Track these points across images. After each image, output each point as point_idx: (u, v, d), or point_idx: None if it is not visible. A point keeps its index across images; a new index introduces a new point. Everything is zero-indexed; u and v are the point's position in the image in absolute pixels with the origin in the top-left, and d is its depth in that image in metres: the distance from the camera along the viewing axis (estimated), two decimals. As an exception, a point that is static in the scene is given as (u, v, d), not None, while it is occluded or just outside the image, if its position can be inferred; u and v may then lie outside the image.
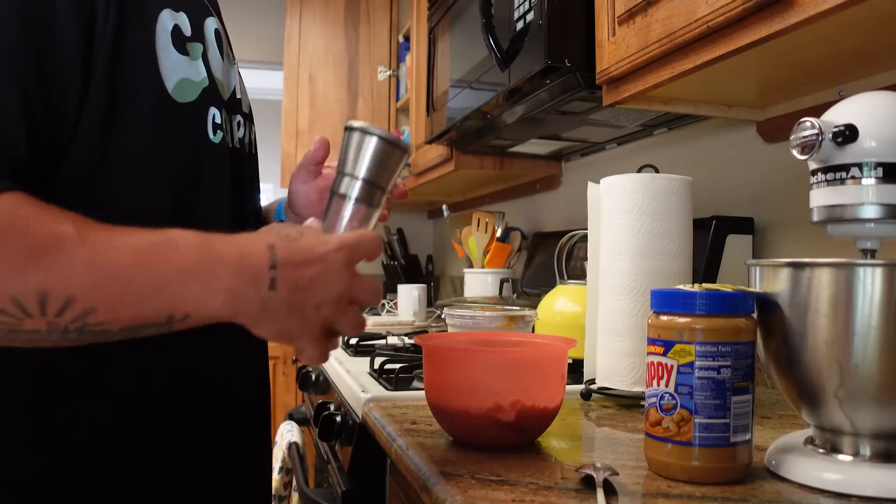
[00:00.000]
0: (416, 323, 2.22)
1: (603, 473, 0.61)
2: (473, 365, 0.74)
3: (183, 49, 0.72)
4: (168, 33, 0.70)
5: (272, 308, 0.60)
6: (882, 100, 0.62)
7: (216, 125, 0.76)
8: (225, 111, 0.79)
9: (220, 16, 0.85)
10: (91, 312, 0.55)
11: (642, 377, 0.94)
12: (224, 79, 0.79)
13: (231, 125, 0.82)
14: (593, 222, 1.05)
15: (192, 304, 0.57)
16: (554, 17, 1.13)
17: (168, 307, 0.57)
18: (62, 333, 0.55)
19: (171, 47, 0.70)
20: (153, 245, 0.57)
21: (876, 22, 0.75)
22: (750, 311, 0.65)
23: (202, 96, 0.74)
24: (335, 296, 0.62)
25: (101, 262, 0.54)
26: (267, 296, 0.59)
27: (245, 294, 0.59)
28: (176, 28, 0.72)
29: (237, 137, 0.83)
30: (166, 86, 0.69)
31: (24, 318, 0.53)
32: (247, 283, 0.58)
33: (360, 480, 1.00)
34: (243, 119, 0.85)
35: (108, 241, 0.55)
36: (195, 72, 0.73)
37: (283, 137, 2.89)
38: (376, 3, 2.97)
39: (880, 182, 0.60)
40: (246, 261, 0.59)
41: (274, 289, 0.59)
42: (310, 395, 1.63)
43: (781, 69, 0.94)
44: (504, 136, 1.69)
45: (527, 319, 1.21)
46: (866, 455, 0.61)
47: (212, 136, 0.75)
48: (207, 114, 0.75)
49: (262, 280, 0.59)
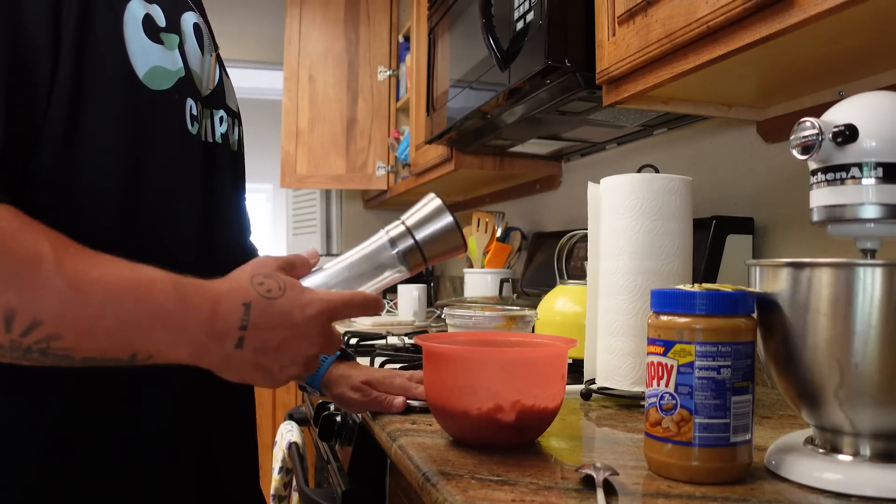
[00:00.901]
0: (416, 323, 2.22)
1: (603, 473, 0.61)
2: (473, 365, 0.74)
3: (156, 38, 0.72)
4: (138, 21, 0.70)
5: (236, 364, 0.61)
6: (882, 100, 0.62)
7: (193, 117, 0.76)
8: (201, 104, 0.78)
9: (203, 11, 0.85)
10: (56, 338, 0.54)
11: (642, 377, 0.94)
12: (202, 72, 0.79)
13: (211, 119, 0.81)
14: (593, 222, 1.05)
15: (156, 349, 0.58)
16: (554, 17, 1.13)
17: (133, 347, 0.57)
18: (24, 352, 0.54)
19: (141, 34, 0.70)
20: (129, 283, 0.56)
21: (876, 22, 0.75)
22: (750, 311, 0.65)
23: (178, 86, 0.73)
24: (303, 359, 0.63)
25: (73, 293, 0.54)
26: (232, 353, 0.60)
27: (210, 350, 0.59)
28: (148, 17, 0.71)
29: (218, 132, 0.82)
30: (136, 72, 0.69)
31: None
32: (214, 341, 0.59)
33: (360, 480, 1.00)
34: (227, 115, 0.85)
35: (85, 271, 0.55)
36: (171, 61, 0.73)
37: (284, 137, 2.89)
38: (376, 4, 2.97)
39: (880, 182, 0.60)
40: (218, 318, 0.59)
41: (241, 348, 0.60)
42: (310, 395, 1.63)
43: (781, 69, 0.94)
44: (504, 136, 1.69)
45: (527, 319, 1.21)
46: (866, 455, 0.61)
47: (189, 127, 0.75)
48: (185, 104, 0.74)
49: (230, 339, 0.59)
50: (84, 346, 0.55)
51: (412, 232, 0.72)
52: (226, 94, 0.86)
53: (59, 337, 0.54)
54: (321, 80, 2.94)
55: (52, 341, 0.54)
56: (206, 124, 0.79)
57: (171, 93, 0.73)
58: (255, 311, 0.60)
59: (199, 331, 0.58)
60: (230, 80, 0.90)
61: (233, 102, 0.88)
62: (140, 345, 0.57)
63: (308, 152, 2.90)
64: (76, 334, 0.55)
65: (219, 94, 0.84)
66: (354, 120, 2.93)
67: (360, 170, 2.90)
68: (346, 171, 2.90)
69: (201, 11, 0.84)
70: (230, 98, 0.87)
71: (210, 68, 0.81)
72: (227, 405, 0.83)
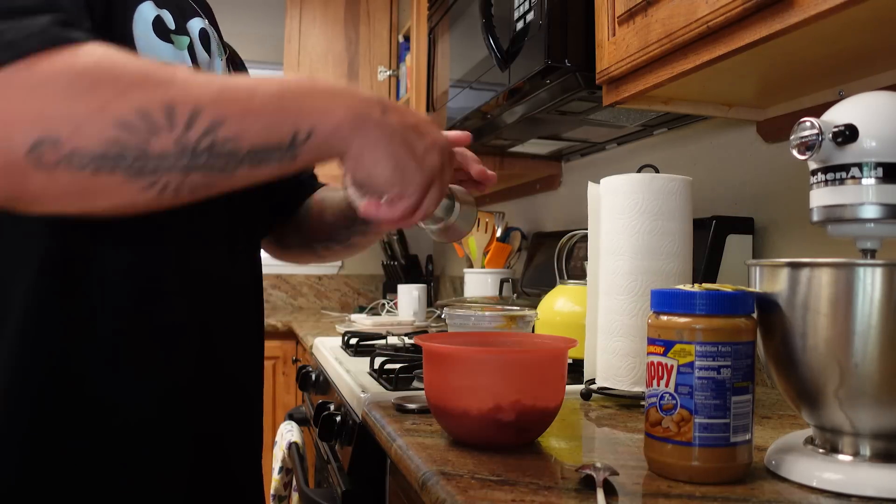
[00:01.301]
0: (416, 323, 2.22)
1: (603, 473, 0.61)
2: (473, 365, 0.74)
3: (167, 38, 0.73)
4: (148, 22, 0.71)
5: (388, 131, 0.61)
6: (882, 100, 0.62)
7: None
8: None
9: (212, 18, 0.86)
10: (219, 125, 0.53)
11: (642, 377, 0.94)
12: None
13: None
14: (593, 222, 1.05)
15: (316, 116, 0.57)
16: (554, 17, 1.13)
17: (293, 120, 0.56)
18: (192, 156, 0.52)
19: (151, 34, 0.71)
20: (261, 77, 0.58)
21: (876, 22, 0.75)
22: (750, 311, 0.65)
23: None
24: (439, 146, 0.64)
25: (219, 81, 0.55)
26: (382, 118, 0.61)
27: (363, 111, 0.60)
28: (158, 19, 0.72)
29: None
30: None
31: (151, 135, 0.51)
32: (363, 105, 0.60)
33: (360, 480, 1.00)
34: None
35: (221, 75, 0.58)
36: (181, 60, 0.74)
37: (283, 137, 2.89)
38: (376, 3, 2.97)
39: (880, 182, 0.60)
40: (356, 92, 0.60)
41: (386, 115, 0.61)
42: (310, 395, 1.63)
43: (781, 69, 0.94)
44: (504, 136, 1.69)
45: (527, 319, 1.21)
46: (866, 455, 0.61)
47: None
48: None
49: (376, 107, 0.61)
50: (248, 129, 0.54)
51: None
52: None
53: (221, 122, 0.53)
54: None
55: (216, 130, 0.53)
56: None
57: None
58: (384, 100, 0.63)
59: (348, 94, 0.59)
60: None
61: None
62: (299, 116, 0.56)
63: (308, 152, 2.90)
64: (237, 115, 0.54)
65: None
66: (354, 120, 2.93)
67: (360, 170, 2.89)
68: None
69: (210, 18, 0.84)
70: None
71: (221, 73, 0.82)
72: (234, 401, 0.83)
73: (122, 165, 0.51)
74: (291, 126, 0.56)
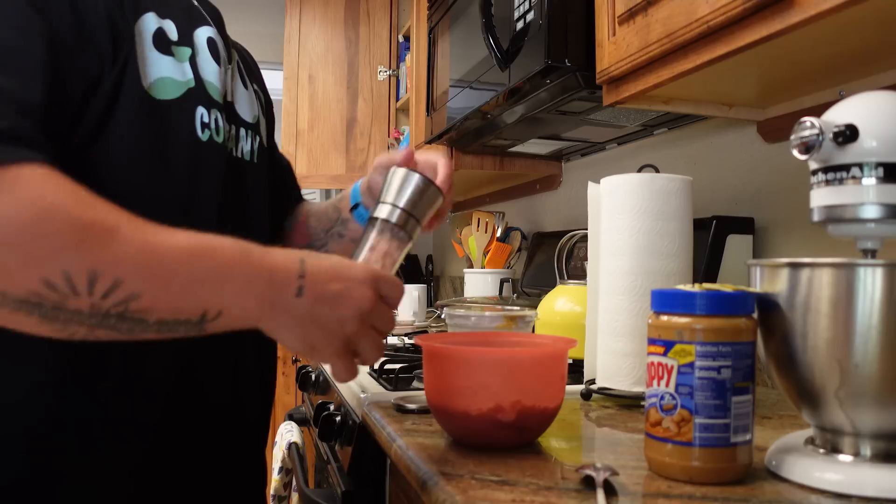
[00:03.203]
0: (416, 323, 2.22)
1: (603, 473, 0.61)
2: (473, 365, 0.74)
3: (167, 51, 0.74)
4: (150, 35, 0.72)
5: (296, 315, 0.63)
6: (882, 100, 0.62)
7: (204, 124, 0.77)
8: (217, 111, 0.79)
9: (221, 24, 0.86)
10: (135, 298, 0.56)
11: (642, 377, 0.94)
12: (218, 83, 0.79)
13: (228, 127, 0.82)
14: (593, 222, 1.05)
15: (226, 303, 0.60)
16: (554, 16, 1.13)
17: (205, 303, 0.59)
18: (102, 318, 0.56)
19: (151, 46, 0.72)
20: (197, 245, 0.59)
21: (876, 22, 0.75)
22: (750, 312, 0.64)
23: (187, 95, 0.75)
24: (358, 313, 0.65)
25: (149, 254, 0.56)
26: (293, 302, 0.62)
27: (274, 300, 0.61)
28: (160, 31, 0.74)
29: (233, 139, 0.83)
30: (143, 82, 0.71)
31: (70, 296, 0.54)
32: (277, 291, 0.61)
33: (360, 480, 1.00)
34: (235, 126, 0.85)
35: (155, 237, 0.58)
36: (180, 72, 0.75)
37: (283, 137, 2.89)
38: (376, 3, 2.97)
39: (881, 182, 0.60)
40: (277, 270, 0.62)
41: (301, 296, 0.62)
42: (310, 395, 1.63)
43: (782, 69, 0.94)
44: (504, 136, 1.69)
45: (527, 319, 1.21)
46: (867, 455, 0.61)
47: (200, 134, 0.76)
48: (194, 113, 0.75)
49: (291, 287, 0.62)
50: (159, 306, 0.57)
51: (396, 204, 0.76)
52: (236, 105, 0.86)
53: (137, 296, 0.56)
54: (321, 80, 2.94)
55: (130, 302, 0.56)
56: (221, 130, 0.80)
57: (179, 102, 0.74)
58: (309, 263, 0.63)
59: (262, 281, 0.61)
60: (249, 91, 0.91)
61: (246, 112, 0.88)
62: (210, 300, 0.59)
63: (308, 152, 2.90)
64: (153, 292, 0.57)
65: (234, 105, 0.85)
66: (354, 120, 2.93)
67: (360, 170, 2.90)
68: (346, 170, 2.90)
69: (218, 26, 0.85)
70: (242, 108, 0.87)
71: (229, 79, 0.83)
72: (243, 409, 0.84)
73: (38, 313, 0.54)
74: (202, 307, 0.59)
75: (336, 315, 0.64)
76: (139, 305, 0.56)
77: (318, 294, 0.63)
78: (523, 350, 0.82)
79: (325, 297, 0.63)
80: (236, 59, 0.88)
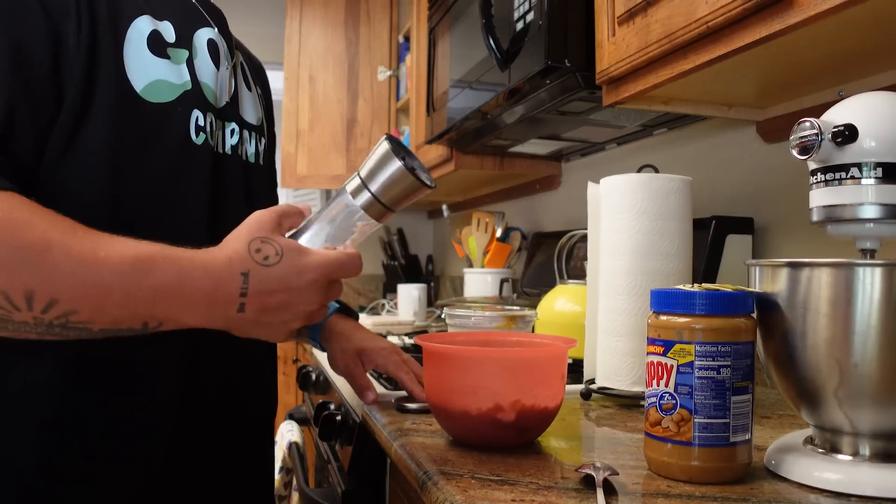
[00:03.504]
0: (416, 323, 2.22)
1: (603, 473, 0.61)
2: (473, 365, 0.74)
3: (162, 53, 0.74)
4: (143, 37, 0.72)
5: (239, 326, 0.66)
6: (882, 100, 0.62)
7: (199, 127, 0.76)
8: (212, 115, 0.78)
9: (223, 25, 0.85)
10: (73, 313, 0.59)
11: (642, 377, 0.94)
12: (216, 86, 0.79)
13: (223, 131, 0.81)
14: (593, 222, 1.05)
15: (166, 318, 0.62)
16: (554, 17, 1.13)
17: (144, 316, 0.61)
18: (47, 327, 0.59)
19: (143, 50, 0.72)
20: (132, 261, 0.60)
21: (876, 22, 0.75)
22: (750, 311, 0.65)
23: (182, 98, 0.74)
24: (303, 315, 0.67)
25: (82, 273, 0.58)
26: (235, 317, 0.64)
27: (215, 316, 0.64)
28: (155, 33, 0.73)
29: (228, 144, 0.82)
30: (133, 86, 0.71)
31: (13, 311, 0.57)
32: (217, 309, 0.63)
33: (360, 480, 1.00)
34: (241, 127, 0.85)
35: (92, 252, 0.59)
36: (176, 75, 0.74)
37: (283, 138, 2.89)
38: (376, 4, 2.97)
39: (880, 182, 0.61)
40: (218, 289, 0.63)
41: (243, 312, 0.64)
42: (310, 395, 1.63)
43: (781, 69, 0.94)
44: (504, 136, 1.69)
45: (527, 319, 1.21)
46: (866, 455, 0.61)
47: (194, 137, 0.75)
48: (189, 115, 0.75)
49: (232, 306, 0.64)
50: (98, 320, 0.60)
51: (367, 185, 0.73)
52: (240, 106, 0.86)
53: (74, 312, 0.59)
54: (321, 81, 2.94)
55: (69, 316, 0.59)
56: (218, 136, 0.80)
57: (174, 105, 0.74)
58: (253, 279, 0.64)
59: (201, 301, 0.62)
60: (253, 93, 0.90)
61: (250, 115, 0.88)
62: (148, 315, 0.62)
63: (308, 152, 2.90)
64: (90, 309, 0.59)
65: (232, 106, 0.84)
66: (354, 120, 2.93)
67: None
68: (346, 171, 2.90)
69: (220, 26, 0.84)
70: (247, 110, 0.87)
71: (225, 81, 0.82)
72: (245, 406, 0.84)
73: None
74: (141, 320, 0.62)
75: (280, 319, 0.66)
76: (79, 318, 0.59)
77: (261, 307, 0.64)
78: (523, 350, 0.82)
79: (269, 309, 0.65)
80: (239, 60, 0.88)
